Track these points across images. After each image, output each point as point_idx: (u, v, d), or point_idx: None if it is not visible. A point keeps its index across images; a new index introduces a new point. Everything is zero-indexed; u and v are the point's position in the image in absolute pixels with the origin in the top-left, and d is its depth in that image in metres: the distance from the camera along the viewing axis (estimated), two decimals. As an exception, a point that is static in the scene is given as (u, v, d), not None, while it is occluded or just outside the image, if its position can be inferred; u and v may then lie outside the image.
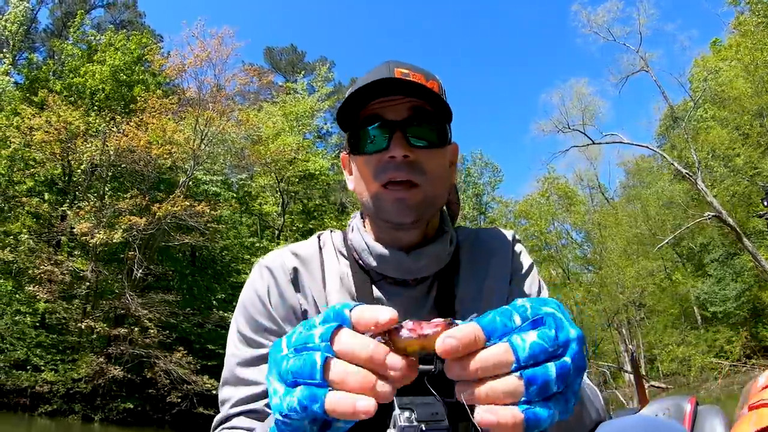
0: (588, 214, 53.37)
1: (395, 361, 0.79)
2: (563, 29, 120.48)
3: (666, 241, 34.24)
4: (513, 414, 0.74)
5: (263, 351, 1.51)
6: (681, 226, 35.72)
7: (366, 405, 0.78)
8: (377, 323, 0.80)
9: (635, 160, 51.40)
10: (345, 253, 1.67)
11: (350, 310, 0.85)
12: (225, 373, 1.56)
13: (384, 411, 1.32)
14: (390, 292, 1.59)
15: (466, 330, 0.77)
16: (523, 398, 0.75)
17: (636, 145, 35.90)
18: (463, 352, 0.76)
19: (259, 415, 1.45)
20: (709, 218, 29.27)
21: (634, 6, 36.01)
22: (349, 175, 1.70)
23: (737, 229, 28.52)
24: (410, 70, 1.52)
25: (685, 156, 35.41)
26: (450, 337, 0.76)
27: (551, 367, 0.76)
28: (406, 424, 1.27)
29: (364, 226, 1.67)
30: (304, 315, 1.57)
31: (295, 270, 1.61)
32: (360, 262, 1.62)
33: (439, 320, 0.81)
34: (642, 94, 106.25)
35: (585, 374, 0.91)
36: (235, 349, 1.57)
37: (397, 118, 1.49)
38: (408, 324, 0.81)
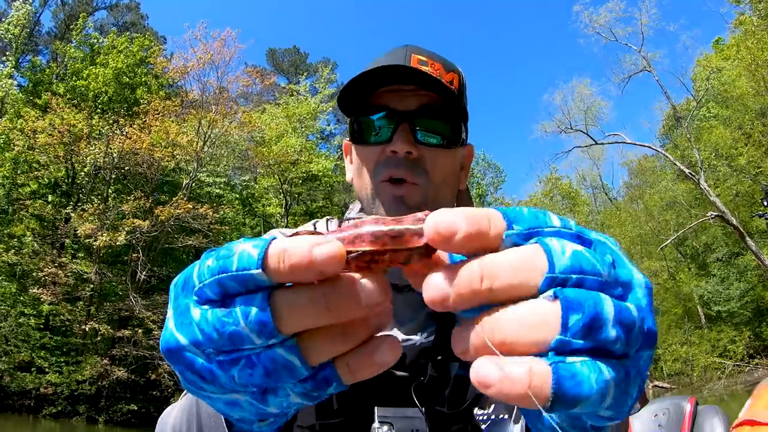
0: (591, 215, 53.32)
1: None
2: (565, 30, 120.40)
3: (669, 240, 34.19)
4: (531, 368, 0.46)
5: None
6: (684, 225, 35.70)
7: (328, 249, 0.51)
8: (311, 261, 0.51)
9: (638, 160, 51.34)
10: None
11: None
12: None
13: (361, 422, 1.34)
14: None
15: (474, 209, 0.51)
16: (555, 339, 0.46)
17: (638, 145, 35.88)
18: (464, 244, 0.50)
19: None
20: (712, 218, 29.21)
21: (636, 6, 35.98)
22: (350, 164, 1.59)
23: (740, 228, 28.48)
24: (429, 58, 1.43)
25: (688, 156, 35.38)
26: (449, 212, 0.50)
27: (606, 299, 0.48)
28: None
29: None
30: None
31: None
32: None
33: (419, 214, 0.54)
34: (645, 94, 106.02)
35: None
36: None
37: (407, 108, 1.38)
38: (366, 224, 0.54)
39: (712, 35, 49.05)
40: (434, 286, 0.51)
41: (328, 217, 1.70)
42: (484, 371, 0.48)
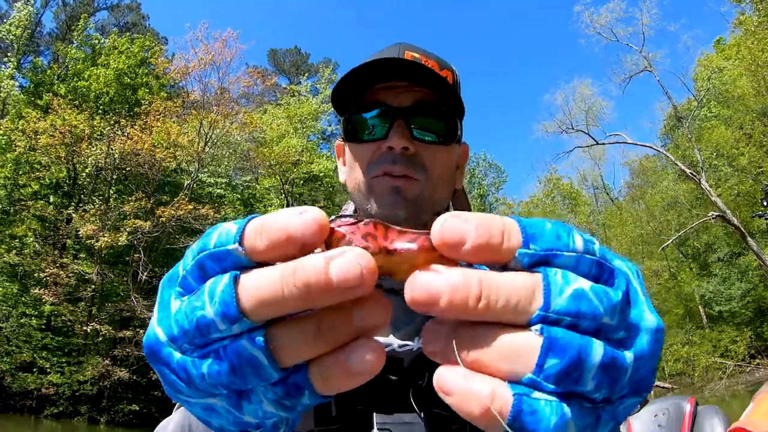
0: (593, 215, 53.32)
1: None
2: (566, 30, 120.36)
3: (670, 241, 34.17)
4: (494, 391, 0.45)
5: None
6: (685, 225, 35.70)
7: (306, 217, 0.47)
8: (288, 235, 0.47)
9: (640, 160, 51.34)
10: None
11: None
12: None
13: (360, 426, 1.34)
14: None
15: (491, 216, 0.47)
16: (527, 376, 0.45)
17: (640, 145, 35.86)
18: (473, 250, 0.45)
19: None
20: (713, 218, 29.20)
21: (637, 6, 35.98)
22: (343, 165, 1.56)
23: (741, 228, 28.46)
24: (423, 55, 1.41)
25: (689, 156, 35.35)
26: (459, 217, 0.46)
27: (596, 346, 0.45)
28: None
29: None
30: None
31: None
32: None
33: (419, 232, 0.48)
34: (646, 94, 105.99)
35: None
36: None
37: (401, 105, 1.35)
38: (360, 229, 0.49)
39: (713, 35, 49.11)
40: (424, 286, 0.46)
41: (331, 217, 1.66)
42: (448, 379, 0.46)
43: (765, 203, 11.68)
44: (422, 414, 1.29)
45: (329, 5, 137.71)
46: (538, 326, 0.45)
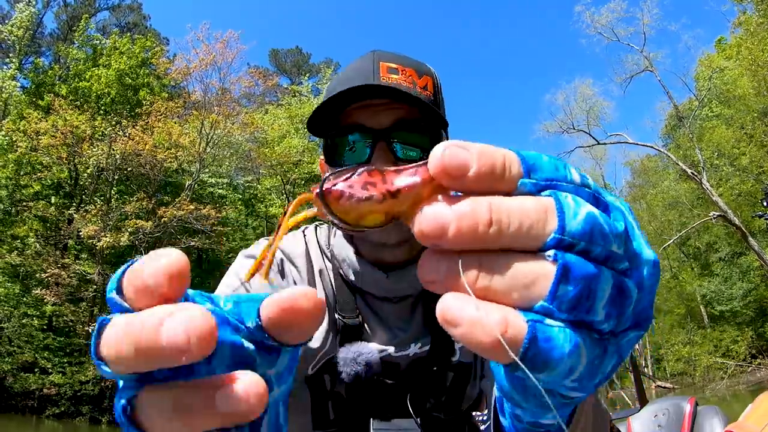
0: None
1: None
2: (567, 30, 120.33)
3: (671, 240, 34.19)
4: (507, 318, 0.42)
5: None
6: (687, 225, 35.70)
7: (162, 263, 0.47)
8: (144, 285, 0.45)
9: (641, 160, 51.29)
10: (329, 255, 1.53)
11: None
12: None
13: (358, 430, 1.36)
14: (374, 307, 1.46)
15: (491, 147, 0.45)
16: (540, 302, 0.43)
17: (641, 145, 35.89)
18: (475, 180, 0.44)
19: None
20: (714, 218, 29.20)
21: (638, 6, 36.03)
22: None
23: (743, 228, 28.45)
24: (399, 64, 1.36)
25: (690, 155, 35.34)
26: (459, 146, 0.44)
27: (607, 276, 0.44)
28: None
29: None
30: None
31: (282, 262, 1.50)
32: (341, 272, 1.49)
33: (416, 165, 0.47)
34: (647, 94, 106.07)
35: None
36: None
37: (381, 125, 1.32)
38: (357, 181, 0.47)
39: (713, 35, 49.03)
40: (432, 216, 0.43)
41: (316, 222, 1.66)
42: (456, 307, 0.43)
43: (765, 203, 11.68)
44: (419, 420, 1.31)
45: (331, 5, 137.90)
46: (551, 252, 0.43)
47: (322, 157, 1.50)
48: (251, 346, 0.50)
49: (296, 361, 0.61)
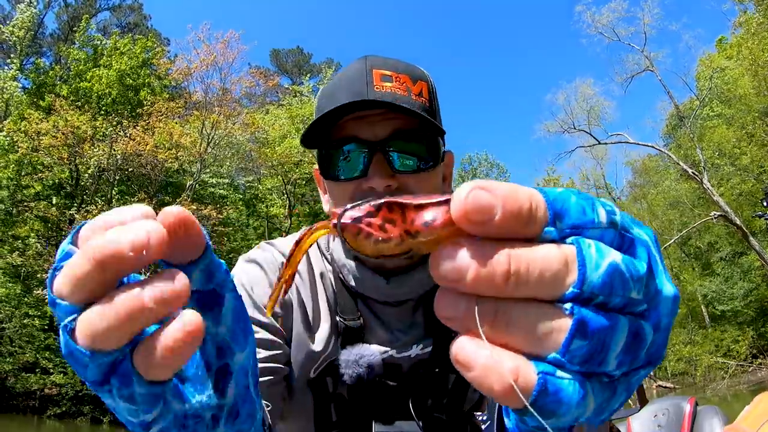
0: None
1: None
2: (567, 30, 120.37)
3: (672, 240, 34.15)
4: (520, 367, 0.43)
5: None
6: (687, 225, 35.66)
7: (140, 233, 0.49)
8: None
9: (642, 159, 51.22)
10: (330, 259, 1.52)
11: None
12: None
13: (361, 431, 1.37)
14: (375, 309, 1.46)
15: (518, 188, 0.43)
16: (552, 356, 0.43)
17: (642, 145, 35.86)
18: (499, 226, 0.42)
19: None
20: (715, 218, 29.17)
21: (639, 6, 36.02)
22: (324, 194, 1.53)
23: (743, 228, 28.43)
24: (393, 71, 1.33)
25: (691, 155, 35.31)
26: (485, 189, 0.42)
27: (623, 326, 0.44)
28: None
29: None
30: (291, 311, 1.44)
31: (283, 265, 1.45)
32: (341, 276, 1.48)
33: (439, 200, 0.45)
34: (648, 94, 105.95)
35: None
36: None
37: (377, 137, 1.30)
38: (376, 219, 0.46)
39: (714, 34, 48.94)
40: (450, 260, 0.43)
41: None
42: (470, 351, 0.43)
43: (765, 203, 11.69)
44: (421, 423, 1.32)
45: (332, 5, 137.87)
46: (568, 305, 0.43)
47: (316, 166, 1.49)
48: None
49: (246, 322, 0.68)
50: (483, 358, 0.42)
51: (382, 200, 0.46)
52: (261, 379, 1.36)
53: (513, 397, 0.42)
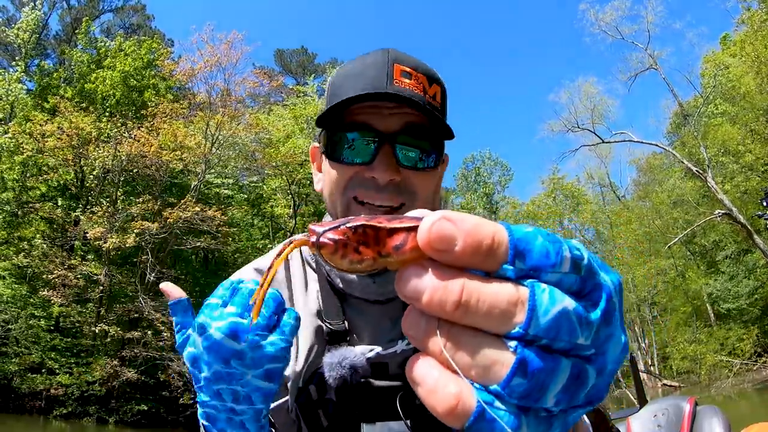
0: (598, 214, 53.13)
1: None
2: (571, 29, 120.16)
3: (677, 239, 34.10)
4: (462, 393, 0.46)
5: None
6: (692, 223, 35.57)
7: None
8: None
9: (647, 158, 51.14)
10: (314, 265, 1.54)
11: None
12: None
13: None
14: (361, 309, 1.47)
15: (483, 223, 0.46)
16: (493, 387, 0.46)
17: (645, 143, 35.83)
18: (458, 258, 0.46)
19: None
20: (719, 216, 29.13)
21: (642, 4, 35.96)
22: (318, 171, 1.53)
23: (748, 226, 28.38)
24: (413, 68, 1.35)
25: (695, 153, 35.25)
26: (449, 220, 0.46)
27: (565, 367, 0.47)
28: None
29: None
30: None
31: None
32: (329, 278, 1.49)
33: (410, 225, 0.49)
34: (652, 92, 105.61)
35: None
36: None
37: (388, 129, 1.32)
38: (351, 239, 0.50)
39: (718, 32, 48.89)
40: (410, 281, 0.47)
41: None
42: (421, 371, 0.48)
43: (765, 203, 11.72)
44: (409, 422, 1.34)
45: (336, 5, 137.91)
46: (513, 343, 0.45)
47: (315, 144, 1.54)
48: None
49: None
50: (431, 379, 0.46)
51: (358, 223, 0.49)
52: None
53: (453, 418, 0.45)
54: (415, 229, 0.48)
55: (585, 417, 0.97)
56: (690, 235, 38.71)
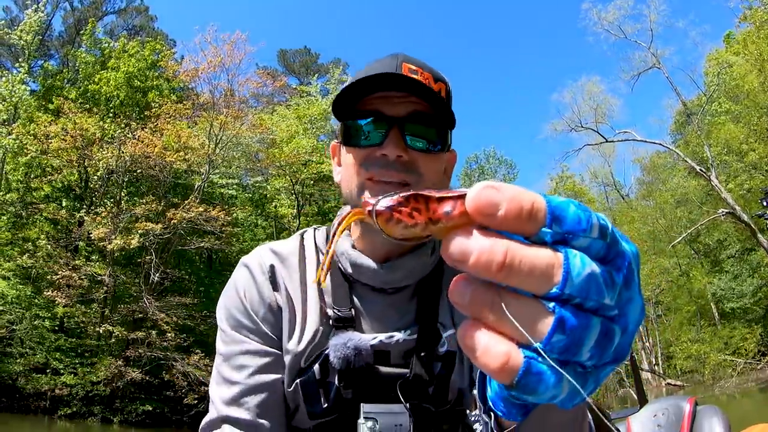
0: (603, 212, 53.07)
1: None
2: (574, 28, 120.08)
3: (680, 238, 34.09)
4: (510, 352, 0.52)
5: (242, 347, 1.51)
6: (696, 222, 35.54)
7: None
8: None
9: (651, 156, 51.07)
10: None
11: None
12: (213, 370, 1.56)
13: (349, 419, 1.44)
14: (368, 299, 1.55)
15: (523, 192, 0.52)
16: (537, 344, 0.52)
17: (649, 142, 35.84)
18: (502, 221, 0.51)
19: (239, 424, 1.44)
20: (723, 215, 29.11)
21: (645, 3, 35.93)
22: (338, 165, 1.65)
23: (752, 225, 28.35)
24: (419, 67, 1.49)
25: (699, 152, 35.21)
26: (494, 188, 0.51)
27: (596, 324, 0.53)
28: None
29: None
30: (280, 313, 1.55)
31: (273, 267, 1.59)
32: (339, 264, 1.57)
33: (456, 195, 0.54)
34: (655, 91, 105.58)
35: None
36: (219, 347, 1.56)
37: (397, 114, 1.45)
38: (405, 207, 0.54)
39: (721, 31, 48.80)
40: (458, 244, 0.51)
41: (315, 226, 1.78)
42: (472, 338, 0.53)
43: (765, 203, 11.75)
44: (408, 405, 1.39)
45: (339, 5, 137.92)
46: (552, 303, 0.51)
47: (335, 141, 1.67)
48: None
49: None
50: (482, 342, 0.52)
51: (409, 193, 0.54)
52: (259, 396, 1.48)
53: (504, 374, 0.52)
54: (461, 197, 0.52)
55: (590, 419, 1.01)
56: (694, 234, 38.68)
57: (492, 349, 0.52)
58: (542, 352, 0.52)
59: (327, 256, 0.63)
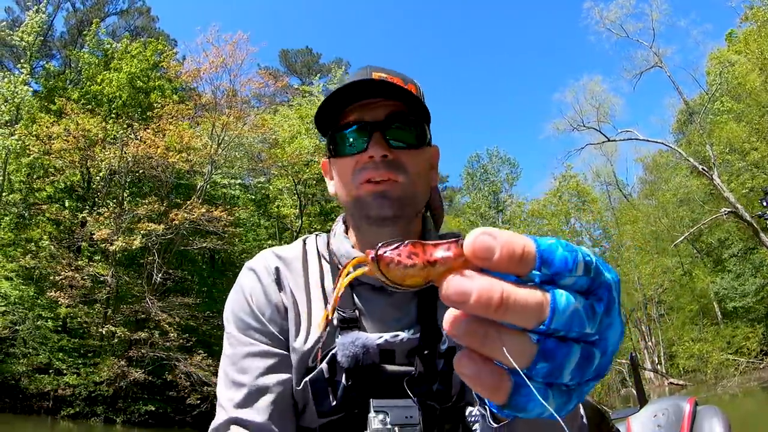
0: (606, 211, 53.03)
1: None
2: (575, 27, 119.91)
3: (682, 238, 34.01)
4: (499, 379, 0.59)
5: (250, 349, 1.53)
6: (698, 221, 35.48)
7: None
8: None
9: (653, 156, 50.93)
10: (327, 257, 1.68)
11: None
12: (219, 373, 1.57)
13: (357, 417, 1.47)
14: (370, 299, 1.58)
15: (516, 237, 0.57)
16: (523, 371, 0.58)
17: (651, 141, 35.80)
18: (496, 264, 0.56)
19: (249, 426, 1.45)
20: (725, 214, 29.08)
21: (647, 2, 35.91)
22: (330, 180, 1.71)
23: (754, 224, 28.31)
24: (388, 74, 1.57)
25: (701, 151, 35.16)
26: (489, 235, 0.56)
27: (576, 351, 0.59)
28: (380, 426, 1.37)
29: (346, 232, 1.68)
30: (286, 313, 1.58)
31: (278, 270, 1.63)
32: (340, 267, 1.53)
33: (450, 241, 0.60)
34: (657, 90, 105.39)
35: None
36: (225, 349, 1.58)
37: (376, 118, 1.52)
38: (404, 251, 0.60)
39: (723, 30, 48.73)
40: (457, 285, 0.56)
41: (317, 232, 1.82)
42: (468, 365, 0.59)
43: (764, 203, 11.74)
44: (416, 399, 1.43)
45: (341, 5, 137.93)
46: (536, 336, 0.57)
47: (324, 159, 1.74)
48: None
49: None
50: (476, 370, 0.59)
51: (408, 241, 0.60)
52: (268, 398, 1.51)
53: (496, 396, 0.59)
54: (455, 242, 0.58)
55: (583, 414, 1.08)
56: (696, 234, 38.56)
57: (484, 375, 0.58)
58: (526, 378, 0.58)
59: (333, 299, 0.69)
